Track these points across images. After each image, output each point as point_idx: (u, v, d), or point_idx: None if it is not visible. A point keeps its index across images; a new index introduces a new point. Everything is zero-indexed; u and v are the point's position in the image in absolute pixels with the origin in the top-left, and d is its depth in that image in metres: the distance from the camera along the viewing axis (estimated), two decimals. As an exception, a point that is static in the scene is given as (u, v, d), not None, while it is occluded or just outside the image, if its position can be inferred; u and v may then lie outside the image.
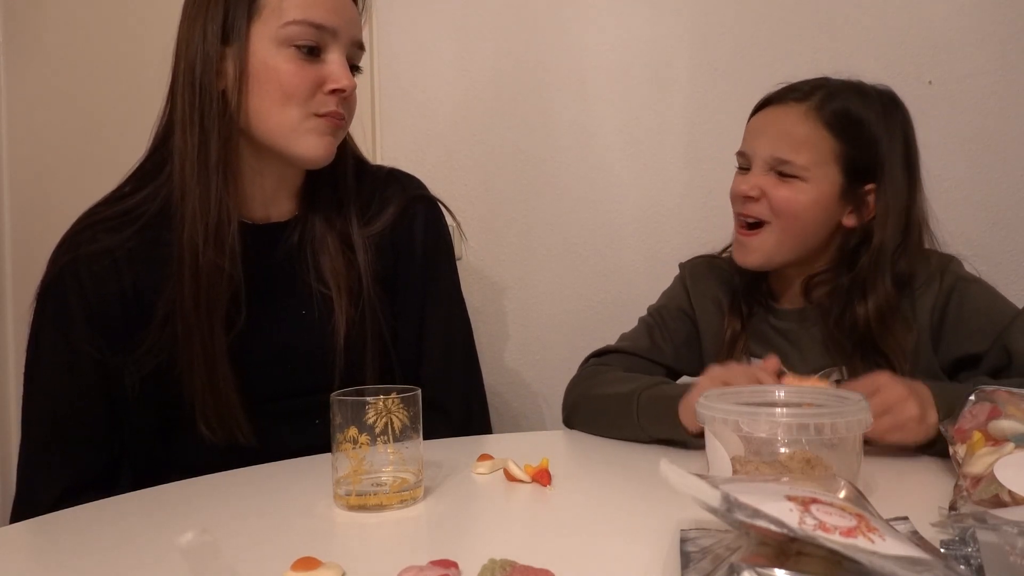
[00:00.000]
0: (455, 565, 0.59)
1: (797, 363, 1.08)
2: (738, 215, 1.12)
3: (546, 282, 1.64)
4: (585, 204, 1.62)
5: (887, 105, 1.11)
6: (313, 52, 0.96)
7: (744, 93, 1.20)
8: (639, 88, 1.59)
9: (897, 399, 0.85)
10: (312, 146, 0.98)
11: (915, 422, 0.84)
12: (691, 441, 0.92)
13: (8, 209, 1.99)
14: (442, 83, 1.67)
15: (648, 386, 1.00)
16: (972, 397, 0.79)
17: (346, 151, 1.08)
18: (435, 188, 1.19)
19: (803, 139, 1.07)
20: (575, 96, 1.61)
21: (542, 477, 0.82)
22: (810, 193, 1.07)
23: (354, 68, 1.02)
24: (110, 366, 0.95)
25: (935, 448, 0.85)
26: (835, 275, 1.11)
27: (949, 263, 1.09)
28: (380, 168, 1.16)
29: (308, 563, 0.60)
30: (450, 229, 1.18)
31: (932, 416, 0.85)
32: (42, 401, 0.97)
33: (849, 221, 1.10)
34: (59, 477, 0.94)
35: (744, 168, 1.12)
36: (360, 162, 1.13)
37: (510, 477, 0.84)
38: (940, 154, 1.46)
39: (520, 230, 1.64)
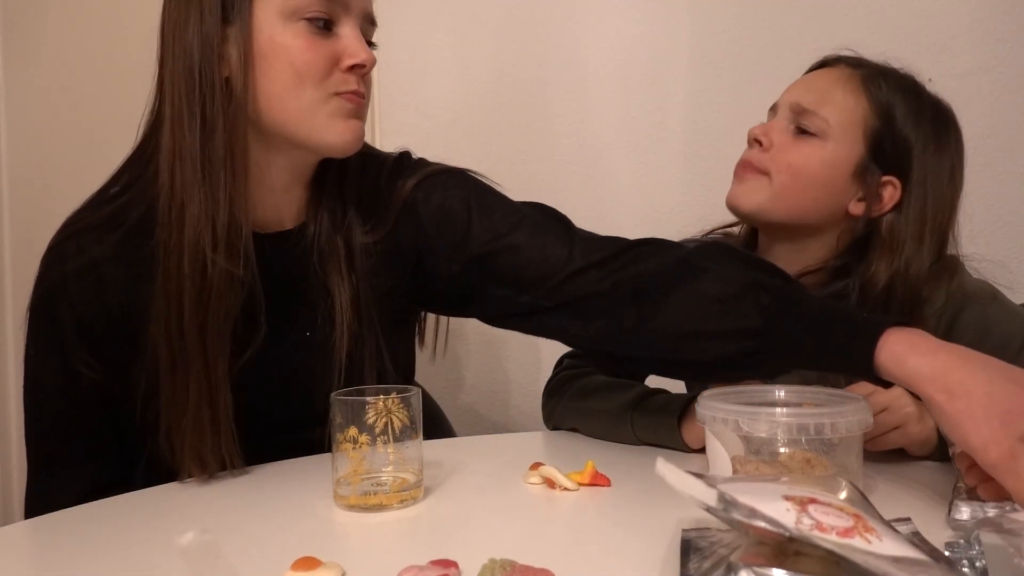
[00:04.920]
0: (455, 565, 0.59)
1: None
2: (742, 158, 1.06)
3: (547, 281, 1.64)
4: (585, 204, 1.61)
5: (938, 115, 1.03)
6: (326, 25, 0.85)
7: (744, 92, 1.21)
8: (639, 88, 1.59)
9: (893, 397, 0.84)
10: (338, 131, 0.87)
11: (914, 420, 0.84)
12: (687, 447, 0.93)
13: (8, 209, 1.99)
14: (442, 83, 1.67)
15: (639, 399, 0.97)
16: None
17: None
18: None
19: (835, 97, 1.01)
20: (575, 96, 1.61)
21: (599, 479, 0.81)
22: (825, 152, 1.00)
23: (370, 45, 0.92)
24: (105, 383, 0.89)
25: (936, 455, 0.85)
26: (829, 276, 1.03)
27: (955, 273, 1.00)
28: (387, 158, 1.02)
29: (308, 563, 0.60)
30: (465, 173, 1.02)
31: (929, 418, 0.84)
32: (43, 418, 0.92)
33: (856, 209, 1.01)
34: (67, 494, 0.88)
35: None
36: (364, 154, 0.98)
37: (552, 485, 0.81)
38: (941, 153, 1.46)
39: (520, 229, 1.64)
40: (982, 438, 0.65)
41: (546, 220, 0.97)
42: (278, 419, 0.94)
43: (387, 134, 1.67)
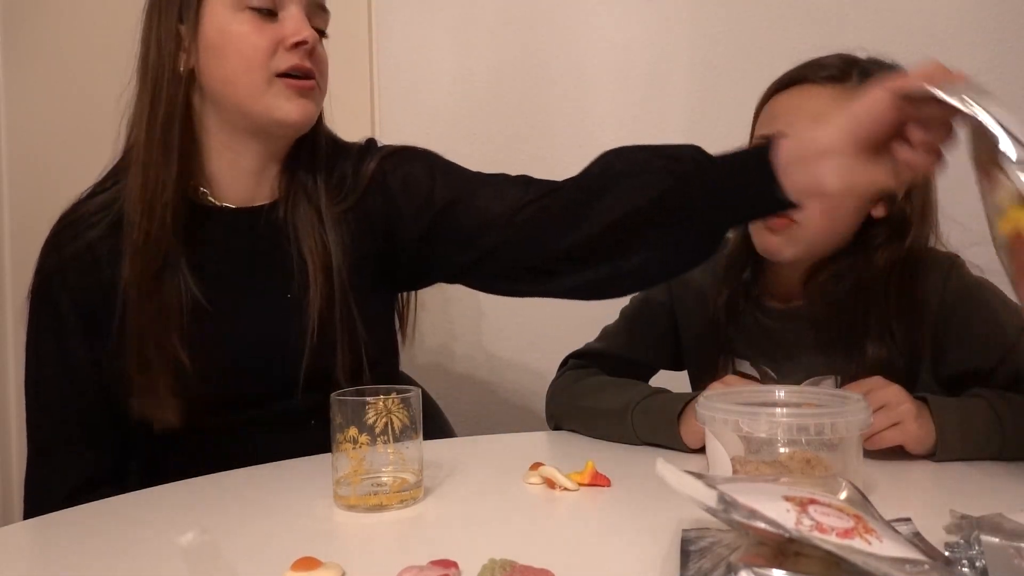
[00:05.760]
0: (455, 565, 0.59)
1: (784, 366, 1.05)
2: None
3: (547, 281, 1.64)
4: (585, 203, 1.62)
5: None
6: (271, 13, 0.93)
7: (744, 93, 1.20)
8: (639, 88, 1.59)
9: (892, 396, 0.84)
10: (287, 110, 0.94)
11: (912, 417, 0.84)
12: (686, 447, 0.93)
13: (8, 209, 1.99)
14: (442, 83, 1.67)
15: (639, 399, 0.97)
16: None
17: (319, 127, 1.03)
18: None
19: None
20: (575, 96, 1.61)
21: (599, 479, 0.82)
22: None
23: (319, 33, 0.98)
24: (103, 366, 0.94)
25: (936, 457, 0.85)
26: (841, 268, 1.02)
27: (953, 265, 1.01)
28: (354, 144, 1.09)
29: (308, 563, 0.60)
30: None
31: (927, 415, 0.84)
32: (44, 406, 0.96)
33: (878, 212, 1.01)
34: (65, 480, 0.94)
35: None
36: (335, 142, 1.07)
37: (552, 485, 0.82)
38: (940, 153, 1.46)
39: (520, 229, 1.64)
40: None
41: (506, 178, 1.03)
42: (255, 387, 0.97)
43: (387, 134, 1.67)
